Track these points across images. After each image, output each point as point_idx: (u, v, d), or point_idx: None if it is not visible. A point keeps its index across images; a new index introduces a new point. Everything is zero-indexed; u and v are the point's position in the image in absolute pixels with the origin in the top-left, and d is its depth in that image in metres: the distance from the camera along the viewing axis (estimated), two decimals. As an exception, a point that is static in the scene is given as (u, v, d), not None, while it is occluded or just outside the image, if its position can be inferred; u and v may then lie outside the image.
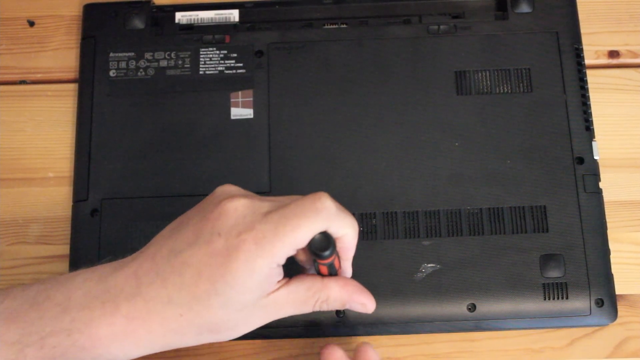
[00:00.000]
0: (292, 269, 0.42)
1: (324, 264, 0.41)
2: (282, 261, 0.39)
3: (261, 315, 0.40)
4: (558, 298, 0.48)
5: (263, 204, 0.39)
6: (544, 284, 0.49)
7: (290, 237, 0.38)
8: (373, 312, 0.47)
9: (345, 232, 0.40)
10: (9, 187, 0.54)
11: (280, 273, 0.40)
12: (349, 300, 0.42)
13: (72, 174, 0.53)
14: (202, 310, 0.38)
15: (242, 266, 0.37)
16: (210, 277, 0.38)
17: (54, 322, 0.38)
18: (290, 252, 0.39)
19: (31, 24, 0.58)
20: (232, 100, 0.53)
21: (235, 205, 0.39)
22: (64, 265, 0.51)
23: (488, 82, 0.53)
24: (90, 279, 0.40)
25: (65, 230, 0.52)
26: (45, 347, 0.38)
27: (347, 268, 0.44)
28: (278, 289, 0.40)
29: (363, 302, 0.43)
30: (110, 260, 0.41)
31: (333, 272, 0.42)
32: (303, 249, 0.41)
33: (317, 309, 0.42)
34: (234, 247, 0.37)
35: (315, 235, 0.38)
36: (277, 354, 0.50)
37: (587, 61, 0.55)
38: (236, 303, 0.38)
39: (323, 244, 0.39)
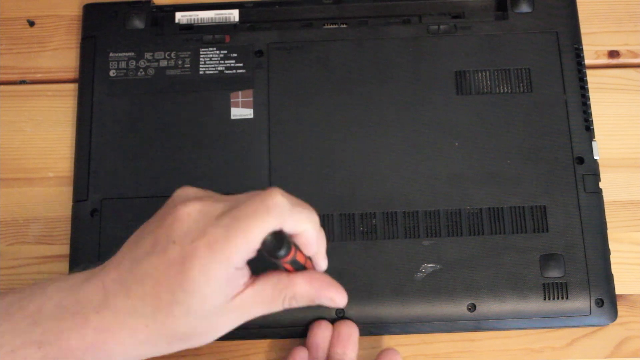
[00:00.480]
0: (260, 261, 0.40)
1: (285, 262, 0.39)
2: (240, 264, 0.37)
3: (230, 318, 0.39)
4: (558, 298, 0.48)
5: (216, 206, 0.38)
6: (544, 283, 0.49)
7: (242, 239, 0.36)
8: (373, 312, 0.47)
9: (303, 227, 0.39)
10: (9, 187, 0.54)
11: (244, 275, 0.39)
12: (317, 295, 0.41)
13: (72, 174, 0.53)
14: (166, 321, 0.38)
15: (197, 274, 0.36)
16: (170, 287, 0.37)
17: (25, 334, 0.37)
18: (247, 254, 0.37)
19: (31, 24, 0.58)
20: (232, 100, 0.53)
21: (188, 210, 0.38)
22: (64, 265, 0.51)
23: (488, 82, 0.53)
24: (62, 288, 0.39)
25: (65, 230, 0.52)
26: (16, 359, 0.37)
27: (319, 261, 0.42)
28: (243, 290, 0.39)
29: (331, 297, 0.41)
30: (84, 269, 0.40)
31: (300, 268, 0.41)
32: None
33: (286, 306, 0.40)
34: (189, 255, 0.37)
35: (265, 237, 0.37)
36: (277, 354, 0.50)
37: (587, 61, 0.55)
38: (199, 311, 0.38)
39: (274, 245, 0.37)
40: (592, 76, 0.54)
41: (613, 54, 0.56)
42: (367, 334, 0.49)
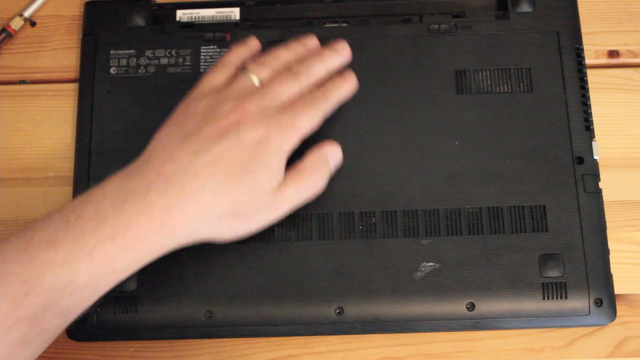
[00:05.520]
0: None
1: None
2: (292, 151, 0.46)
3: (284, 199, 0.45)
4: (557, 298, 0.48)
5: (269, 105, 0.46)
6: (543, 283, 0.49)
7: (306, 127, 0.46)
8: (372, 311, 0.47)
9: None
10: (9, 187, 0.54)
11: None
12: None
13: (72, 174, 0.53)
14: (232, 191, 0.43)
15: (272, 149, 0.44)
16: (243, 161, 0.43)
17: (96, 234, 0.40)
18: (297, 144, 0.46)
19: (32, 24, 0.58)
20: (232, 99, 0.53)
21: (246, 106, 0.45)
22: (65, 263, 0.51)
23: (488, 81, 0.53)
24: (108, 192, 0.42)
25: (65, 229, 0.52)
26: (95, 256, 0.40)
27: None
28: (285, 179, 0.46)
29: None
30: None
31: None
32: None
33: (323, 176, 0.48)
34: (265, 136, 0.44)
35: None
36: (277, 354, 0.50)
37: (587, 61, 0.54)
38: (263, 184, 0.44)
39: None
40: (592, 76, 0.54)
41: (613, 53, 0.56)
42: (366, 333, 0.49)
